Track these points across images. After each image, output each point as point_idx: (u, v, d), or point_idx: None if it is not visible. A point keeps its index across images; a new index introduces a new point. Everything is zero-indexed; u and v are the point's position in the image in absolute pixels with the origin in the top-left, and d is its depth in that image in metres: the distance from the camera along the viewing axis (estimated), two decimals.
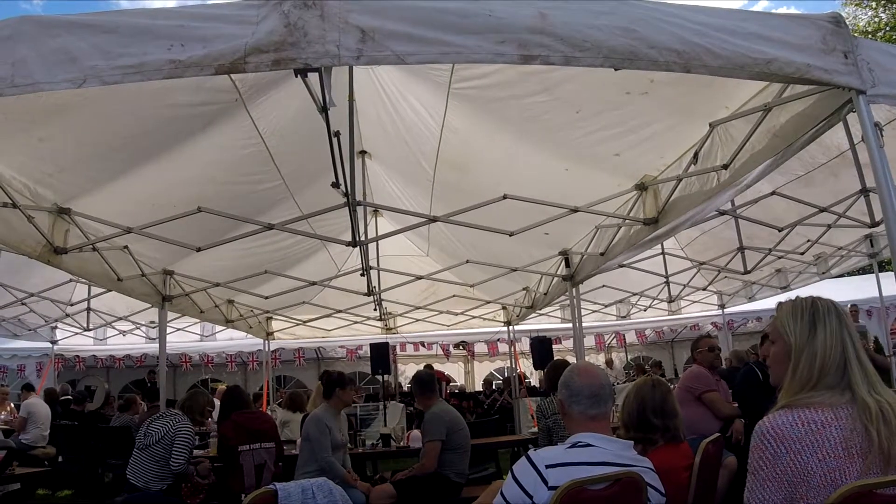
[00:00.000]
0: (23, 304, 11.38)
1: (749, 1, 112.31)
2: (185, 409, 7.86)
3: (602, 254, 7.63)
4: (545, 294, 10.85)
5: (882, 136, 3.36)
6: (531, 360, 15.33)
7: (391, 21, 3.03)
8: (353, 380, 8.15)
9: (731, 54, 3.23)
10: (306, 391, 16.00)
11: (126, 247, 7.38)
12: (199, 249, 7.03)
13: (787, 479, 2.43)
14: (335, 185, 5.60)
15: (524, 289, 12.15)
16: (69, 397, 14.68)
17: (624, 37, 3.13)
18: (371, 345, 14.16)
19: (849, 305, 12.97)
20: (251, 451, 7.71)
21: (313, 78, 3.35)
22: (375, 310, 12.68)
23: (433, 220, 6.85)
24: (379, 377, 15.24)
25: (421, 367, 22.47)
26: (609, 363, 22.00)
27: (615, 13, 3.17)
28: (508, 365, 19.41)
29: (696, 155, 5.21)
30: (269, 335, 15.09)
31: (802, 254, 10.27)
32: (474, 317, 14.45)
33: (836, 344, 2.59)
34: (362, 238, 7.56)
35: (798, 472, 2.40)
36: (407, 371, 22.69)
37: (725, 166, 4.81)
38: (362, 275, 9.49)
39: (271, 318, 14.62)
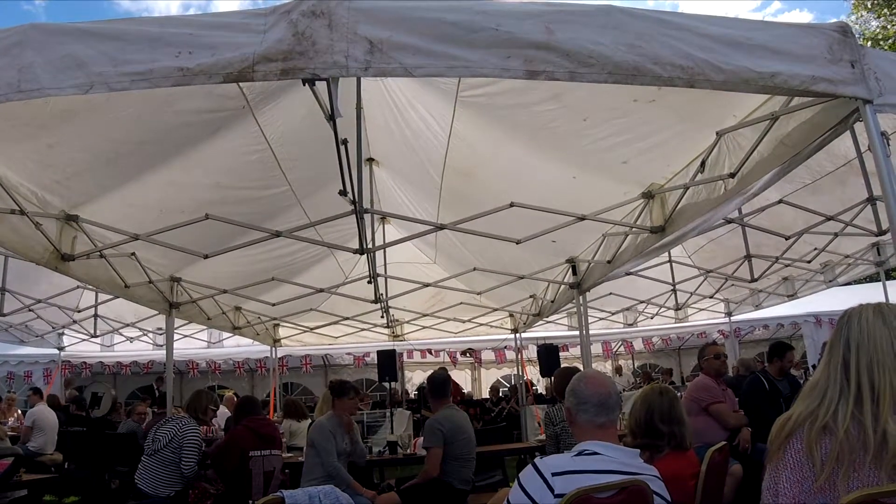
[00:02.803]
0: (30, 310, 11.38)
1: (763, 2, 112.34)
2: (189, 409, 7.92)
3: (609, 262, 7.63)
4: (552, 302, 10.84)
5: (889, 145, 3.36)
6: (538, 368, 15.32)
7: (399, 33, 3.04)
8: (355, 387, 8.11)
9: (736, 68, 3.24)
10: (313, 398, 16.00)
11: (133, 253, 7.39)
12: (206, 256, 7.03)
13: None
14: (342, 192, 5.61)
15: (531, 296, 12.15)
16: (71, 403, 14.68)
17: (629, 53, 3.15)
18: (378, 352, 14.19)
19: None
20: (262, 457, 7.72)
21: (321, 86, 3.36)
22: (382, 317, 12.69)
23: (440, 227, 6.86)
24: (386, 384, 15.22)
25: (428, 374, 22.56)
26: (618, 370, 22.02)
27: (621, 28, 3.19)
28: (515, 372, 19.40)
29: (703, 163, 5.21)
30: (276, 342, 15.10)
31: (809, 262, 10.25)
32: (481, 324, 14.43)
33: None
34: (370, 245, 7.57)
35: None
36: (414, 378, 22.68)
37: (732, 175, 4.81)
38: (369, 282, 9.50)
39: (278, 324, 14.61)
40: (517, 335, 14.99)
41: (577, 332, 9.64)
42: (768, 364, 8.67)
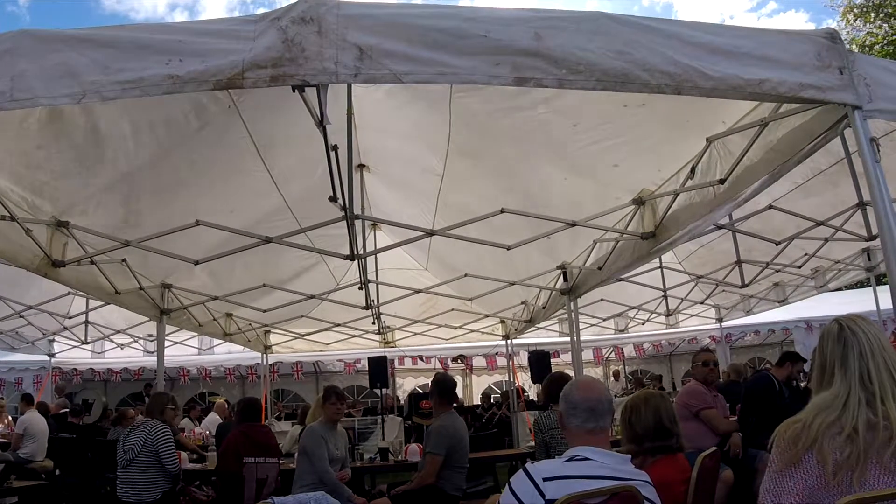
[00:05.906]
0: (21, 316, 11.35)
1: (759, 1, 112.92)
2: (148, 412, 7.92)
3: (600, 268, 7.63)
4: (543, 308, 10.83)
5: (878, 150, 3.37)
6: (529, 374, 15.31)
7: (389, 39, 3.05)
8: (338, 392, 8.07)
9: (724, 75, 3.25)
10: (306, 405, 15.97)
11: (124, 260, 7.36)
12: (197, 263, 7.02)
13: None
14: (333, 198, 5.60)
15: (523, 302, 12.12)
16: (65, 410, 14.62)
17: (617, 59, 3.16)
18: (369, 358, 14.18)
19: None
20: (256, 465, 7.70)
21: (311, 92, 3.36)
22: (374, 323, 12.64)
23: (431, 233, 6.84)
24: (377, 391, 15.19)
25: (419, 380, 22.53)
26: (616, 375, 22.01)
27: (609, 34, 3.20)
28: (507, 379, 19.40)
29: (693, 169, 5.22)
30: (267, 349, 15.04)
31: (800, 267, 10.27)
32: (473, 330, 14.37)
33: None
34: (360, 252, 7.55)
35: None
36: (405, 385, 22.65)
37: (722, 181, 4.82)
38: (360, 288, 9.47)
39: (269, 331, 14.54)
40: (508, 341, 14.96)
41: (568, 339, 9.63)
42: (776, 367, 8.58)
